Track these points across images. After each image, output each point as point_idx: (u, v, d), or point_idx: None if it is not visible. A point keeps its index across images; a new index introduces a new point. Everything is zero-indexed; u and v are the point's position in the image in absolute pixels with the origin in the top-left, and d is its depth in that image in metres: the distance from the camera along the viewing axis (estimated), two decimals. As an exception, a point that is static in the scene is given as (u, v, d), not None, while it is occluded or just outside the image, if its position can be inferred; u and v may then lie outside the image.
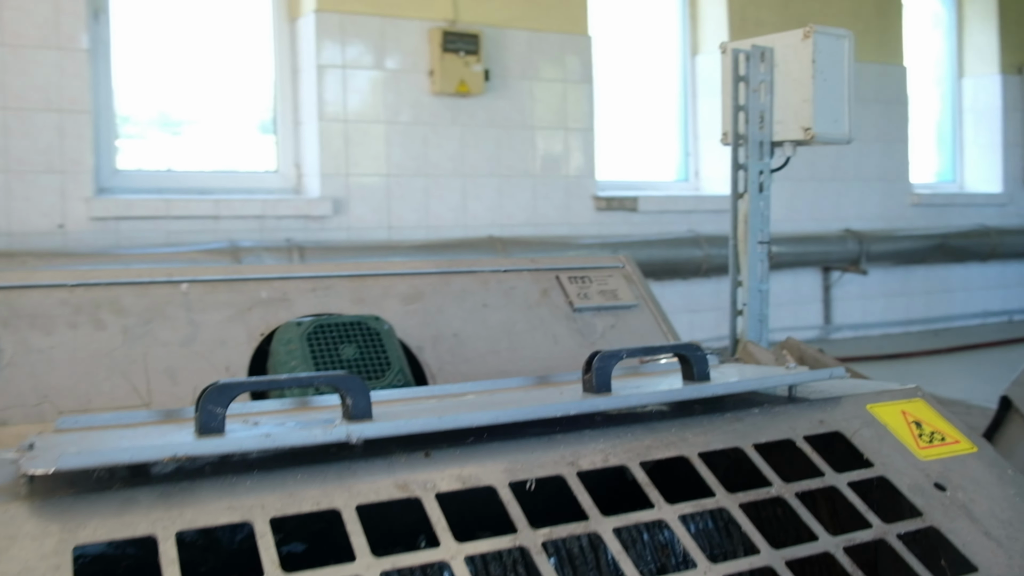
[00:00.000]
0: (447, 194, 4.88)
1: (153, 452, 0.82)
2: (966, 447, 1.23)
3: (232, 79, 4.61)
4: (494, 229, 4.98)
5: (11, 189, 3.79)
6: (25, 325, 1.42)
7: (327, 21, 4.52)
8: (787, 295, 6.07)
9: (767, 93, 2.15)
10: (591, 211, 5.34)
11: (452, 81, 4.79)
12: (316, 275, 1.71)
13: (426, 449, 0.96)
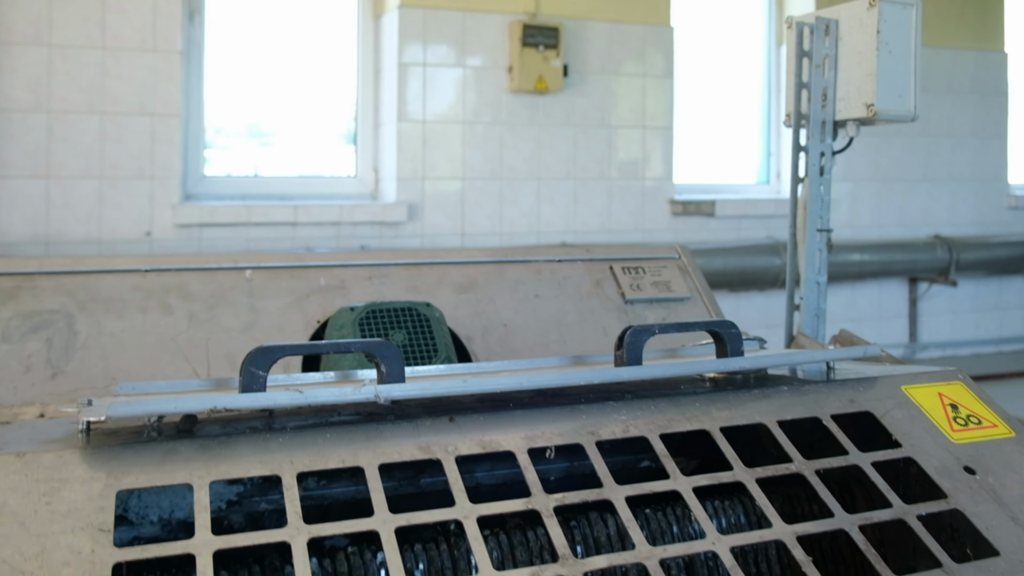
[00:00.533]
0: (521, 198, 4.94)
1: (195, 404, 0.90)
2: (1003, 432, 1.22)
3: (316, 81, 4.76)
4: (567, 235, 5.02)
5: (103, 196, 4.01)
6: (100, 309, 1.54)
7: (410, 16, 4.61)
8: (871, 308, 5.88)
9: (831, 69, 2.12)
10: (667, 216, 5.32)
11: (531, 78, 4.84)
12: (373, 263, 1.79)
13: (451, 415, 1.02)
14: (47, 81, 3.89)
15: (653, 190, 5.29)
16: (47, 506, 0.80)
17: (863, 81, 2.06)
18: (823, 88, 2.09)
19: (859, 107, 2.06)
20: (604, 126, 5.14)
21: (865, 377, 1.28)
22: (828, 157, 2.07)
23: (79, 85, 3.93)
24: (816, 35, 2.13)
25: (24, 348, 1.45)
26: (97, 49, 3.95)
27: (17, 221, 3.90)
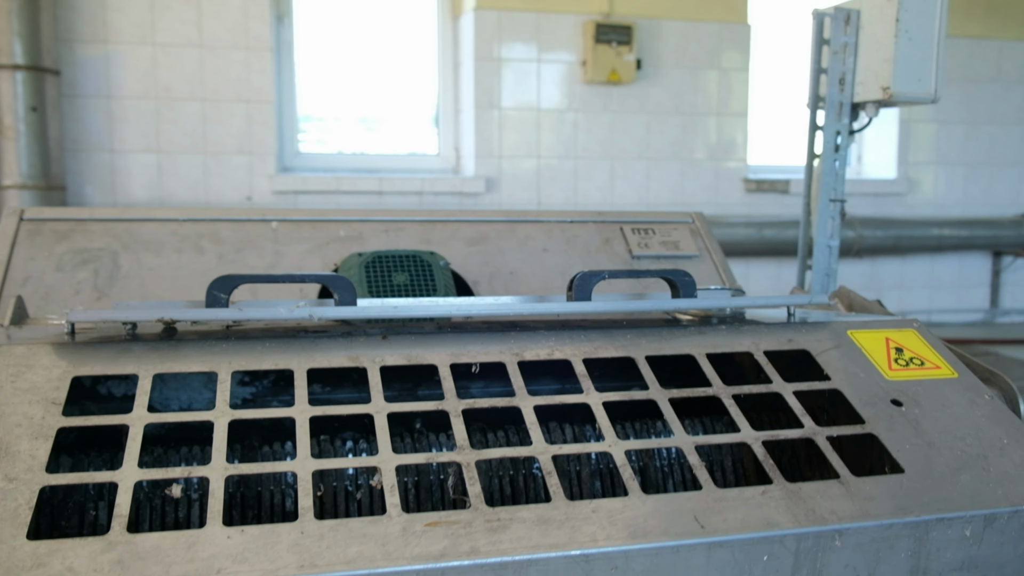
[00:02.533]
0: (595, 175, 4.95)
1: (145, 314, 0.98)
2: (945, 373, 1.19)
3: (401, 73, 4.90)
4: (641, 207, 5.00)
5: (209, 168, 4.25)
6: (141, 248, 1.66)
7: (486, 18, 4.70)
8: (951, 278, 5.69)
9: (850, 55, 2.09)
10: (740, 192, 5.23)
11: (603, 70, 4.84)
12: (390, 219, 1.86)
13: (385, 333, 1.08)
14: (153, 74, 4.15)
15: (726, 169, 5.20)
16: (12, 384, 0.91)
17: (880, 66, 2.03)
18: (841, 73, 2.07)
19: (876, 90, 2.03)
20: (678, 113, 5.08)
21: (816, 322, 1.27)
22: (844, 136, 2.04)
23: (182, 76, 4.18)
24: (836, 24, 2.10)
25: (74, 276, 1.59)
26: (196, 47, 4.19)
27: (135, 187, 4.18)
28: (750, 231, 4.93)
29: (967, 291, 5.78)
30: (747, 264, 5.13)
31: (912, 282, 5.68)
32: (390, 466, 0.88)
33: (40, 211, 1.67)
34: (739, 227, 4.95)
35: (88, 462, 0.95)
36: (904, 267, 5.66)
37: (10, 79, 3.70)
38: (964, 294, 5.76)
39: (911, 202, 5.67)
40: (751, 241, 4.90)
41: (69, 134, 4.07)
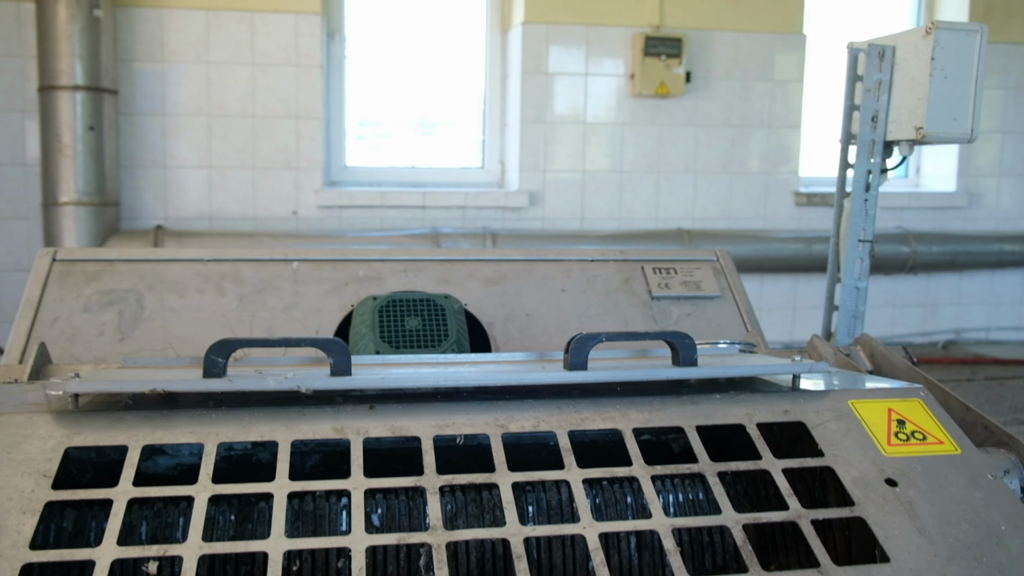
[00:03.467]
0: (640, 188, 4.92)
1: (140, 386, 1.02)
2: (947, 449, 1.16)
3: (449, 86, 4.93)
4: (686, 222, 4.95)
5: (256, 182, 4.34)
6: (165, 289, 1.71)
7: (534, 32, 4.70)
8: (1011, 294, 5.53)
9: (883, 92, 2.04)
10: (790, 207, 5.14)
11: (652, 83, 4.81)
12: (409, 259, 1.88)
13: (372, 403, 1.09)
14: (207, 91, 4.25)
15: (776, 183, 5.12)
16: (8, 455, 0.95)
17: (914, 105, 1.98)
18: (874, 110, 2.03)
19: (909, 129, 1.99)
20: (727, 126, 5.01)
21: (817, 390, 1.25)
22: (875, 175, 2.00)
23: (233, 94, 4.28)
24: (870, 60, 2.06)
25: (100, 318, 1.65)
26: (248, 64, 4.29)
27: (186, 202, 4.29)
28: (799, 246, 4.84)
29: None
30: (795, 280, 5.05)
31: (970, 299, 5.52)
32: (361, 547, 0.90)
33: (71, 252, 1.73)
34: (787, 242, 4.87)
35: (76, 527, 0.98)
36: (962, 283, 5.50)
37: (70, 99, 3.83)
38: (1023, 310, 5.58)
39: (971, 216, 5.50)
40: (799, 257, 4.81)
41: (124, 151, 4.20)
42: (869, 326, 5.26)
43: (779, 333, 5.04)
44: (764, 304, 5.01)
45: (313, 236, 4.19)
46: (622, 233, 4.69)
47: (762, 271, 4.89)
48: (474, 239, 4.35)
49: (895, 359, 1.68)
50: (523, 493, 1.11)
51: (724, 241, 4.75)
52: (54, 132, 3.82)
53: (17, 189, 4.08)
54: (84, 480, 1.00)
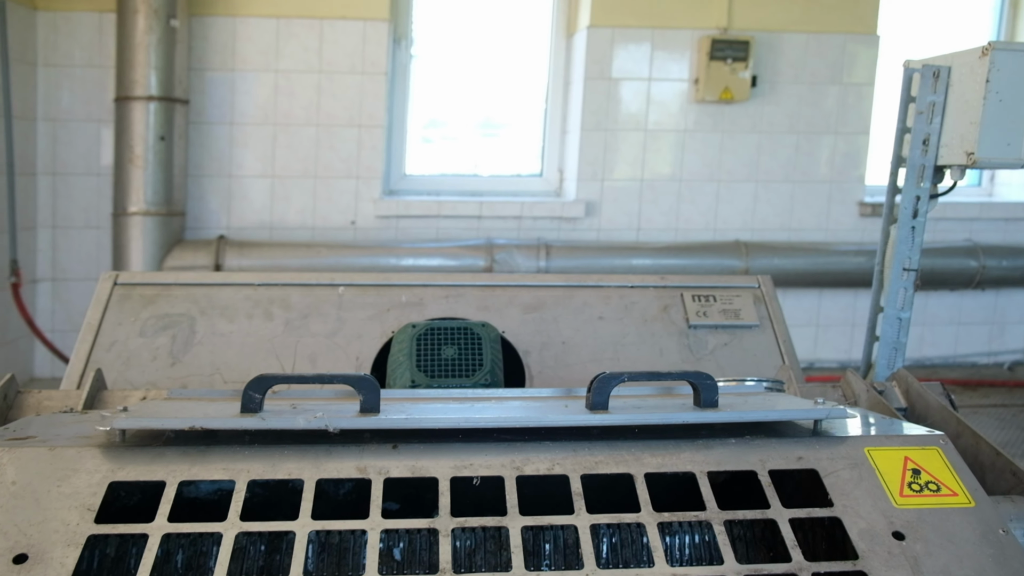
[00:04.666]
0: (699, 198, 4.91)
1: (179, 423, 1.10)
2: (960, 501, 1.17)
3: (513, 91, 5.00)
4: (744, 234, 4.92)
5: (318, 192, 4.48)
6: (217, 314, 1.82)
7: (599, 36, 4.72)
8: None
9: (936, 115, 2.03)
10: (854, 217, 5.06)
11: (716, 89, 4.78)
12: (450, 284, 1.95)
13: (396, 443, 1.16)
14: (274, 100, 4.40)
15: (841, 192, 5.05)
16: (57, 488, 1.04)
17: (967, 129, 1.97)
18: (925, 133, 2.01)
19: (960, 154, 1.97)
20: (792, 132, 4.96)
21: (834, 435, 1.27)
22: (924, 201, 1.99)
23: (299, 103, 4.42)
24: (924, 81, 2.04)
25: (154, 342, 1.76)
26: (315, 73, 4.42)
27: (248, 211, 4.45)
28: (860, 260, 4.77)
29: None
30: (855, 295, 4.97)
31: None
32: (374, 587, 0.97)
33: (132, 275, 1.85)
34: (849, 255, 4.80)
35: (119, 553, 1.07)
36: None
37: (143, 110, 4.01)
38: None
39: (1048, 227, 5.34)
40: (861, 271, 4.74)
41: (192, 160, 4.38)
42: (931, 344, 5.16)
43: (836, 351, 4.97)
44: (822, 320, 4.95)
45: (371, 247, 4.30)
46: (677, 245, 4.69)
47: (821, 285, 4.83)
48: (528, 251, 4.41)
49: (929, 398, 1.68)
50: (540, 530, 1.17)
51: (782, 254, 4.71)
52: (127, 142, 4.00)
53: (91, 198, 4.29)
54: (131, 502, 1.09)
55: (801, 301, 4.96)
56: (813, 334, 4.94)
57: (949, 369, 5.08)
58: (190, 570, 1.09)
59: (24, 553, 0.97)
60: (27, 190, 4.20)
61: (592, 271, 4.42)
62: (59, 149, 4.29)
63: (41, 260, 4.32)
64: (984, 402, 4.60)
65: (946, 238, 5.09)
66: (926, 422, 1.66)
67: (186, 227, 4.30)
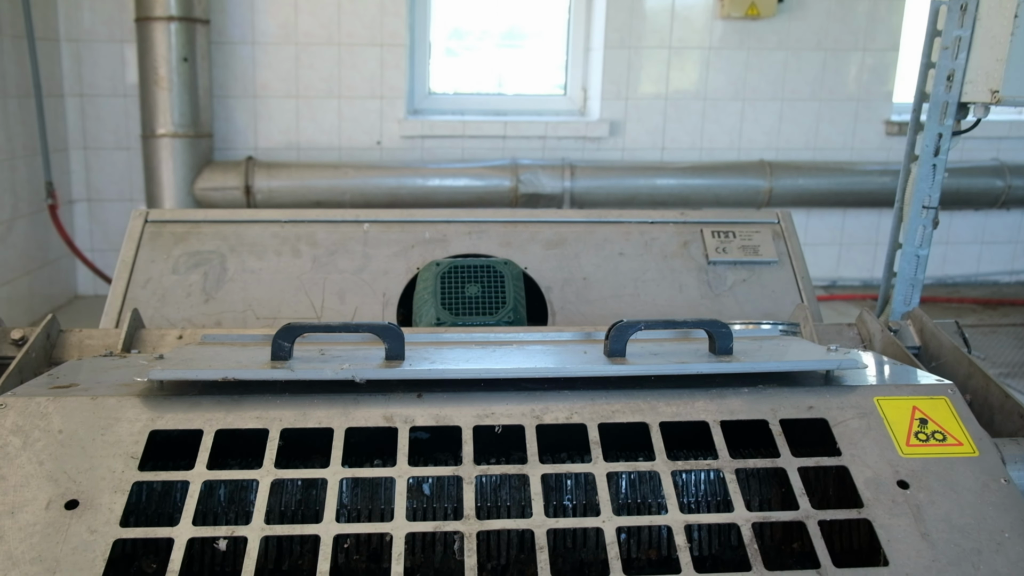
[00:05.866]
0: (723, 117, 4.82)
1: (213, 374, 1.14)
2: (965, 451, 1.20)
3: (538, 5, 4.87)
4: (768, 153, 4.85)
5: (342, 112, 4.45)
6: (246, 251, 1.84)
7: (621, -50, 4.57)
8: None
9: (962, 50, 1.98)
10: (880, 136, 4.96)
11: (742, 4, 4.64)
12: (473, 220, 1.96)
13: (420, 391, 1.20)
14: (294, 19, 4.33)
15: (867, 110, 4.93)
16: (102, 437, 1.09)
17: (992, 66, 1.90)
18: (950, 69, 1.95)
19: (984, 92, 1.91)
20: (819, 49, 4.82)
21: (845, 384, 1.29)
22: (946, 138, 1.95)
23: (320, 21, 4.34)
24: (951, 15, 1.97)
25: (187, 279, 1.79)
26: (335, -11, 4.34)
27: (275, 132, 4.44)
28: (885, 179, 4.70)
29: None
30: (879, 214, 4.92)
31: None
32: (401, 533, 1.01)
33: (161, 213, 1.87)
34: (874, 175, 4.73)
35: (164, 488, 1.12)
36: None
37: (164, 30, 3.97)
38: None
39: (1078, 145, 5.20)
40: (885, 191, 4.67)
41: (217, 80, 4.35)
42: (954, 263, 5.11)
43: (859, 270, 4.94)
44: (846, 239, 4.91)
45: (395, 168, 4.29)
46: (702, 165, 4.64)
47: (845, 205, 4.78)
48: (552, 171, 4.38)
49: (942, 338, 1.69)
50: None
51: (807, 174, 4.64)
52: (150, 64, 3.98)
53: (119, 120, 4.29)
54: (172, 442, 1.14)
55: (825, 220, 4.91)
56: (836, 253, 4.91)
57: (971, 288, 5.05)
58: (232, 503, 1.14)
59: (75, 499, 1.02)
60: (56, 112, 4.20)
61: (616, 192, 4.39)
62: (84, 70, 4.28)
63: (76, 181, 4.36)
64: (1003, 321, 4.59)
65: (973, 157, 4.99)
66: (939, 361, 1.68)
67: (214, 148, 4.30)
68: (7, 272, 3.80)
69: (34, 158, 4.01)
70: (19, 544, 0.97)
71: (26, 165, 3.94)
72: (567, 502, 1.19)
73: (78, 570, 0.95)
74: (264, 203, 4.11)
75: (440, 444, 1.22)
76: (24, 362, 1.40)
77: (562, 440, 1.22)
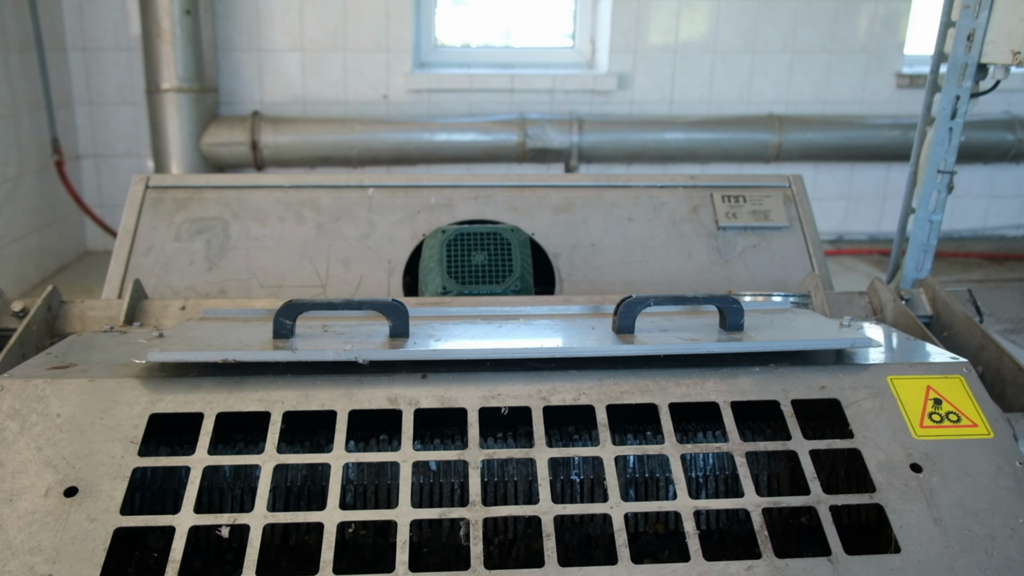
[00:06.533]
0: (733, 70, 4.70)
1: (213, 356, 1.10)
2: (980, 432, 1.16)
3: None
4: (778, 106, 4.73)
5: (348, 65, 4.34)
6: (249, 217, 1.79)
7: None
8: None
9: (983, 9, 1.89)
10: (891, 89, 4.84)
11: (752, -48, 4.49)
12: (479, 184, 1.90)
13: (425, 372, 1.16)
14: (299, -33, 4.20)
15: (878, 62, 4.80)
16: (101, 420, 1.06)
17: (1015, 26, 1.82)
18: (970, 29, 1.87)
19: (1005, 53, 1.83)
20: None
21: (858, 363, 1.24)
22: (964, 100, 1.87)
23: (325, -30, 4.22)
24: (974, -29, 1.88)
25: (190, 246, 1.75)
26: (339, -64, 4.20)
27: (281, 86, 4.35)
28: (895, 134, 4.59)
29: None
30: (888, 168, 4.82)
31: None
32: (405, 520, 0.99)
33: (162, 179, 1.82)
34: (884, 129, 4.62)
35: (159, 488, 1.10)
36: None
37: (167, -18, 3.86)
38: None
39: (1091, 99, 5.07)
40: (895, 144, 4.57)
41: (221, 34, 4.24)
42: (961, 216, 5.02)
43: (866, 224, 4.86)
44: (853, 194, 4.83)
45: (402, 123, 4.20)
46: (711, 119, 4.53)
47: (854, 159, 4.68)
48: (560, 125, 4.28)
49: (955, 307, 1.64)
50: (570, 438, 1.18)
51: (816, 127, 4.54)
52: (153, 17, 3.87)
53: (123, 74, 4.20)
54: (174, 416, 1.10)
55: (833, 174, 4.82)
56: (844, 207, 4.83)
57: (977, 242, 4.97)
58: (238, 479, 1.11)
59: (74, 486, 0.99)
60: (59, 66, 4.11)
61: (624, 146, 4.30)
62: (86, 23, 4.17)
63: (82, 137, 4.29)
64: (1009, 276, 4.52)
65: (983, 111, 4.86)
66: (951, 331, 1.63)
67: (220, 103, 4.22)
68: (16, 229, 3.76)
69: (38, 114, 3.94)
70: (18, 533, 0.94)
71: (30, 121, 3.87)
72: (575, 476, 1.16)
73: (78, 560, 0.93)
74: (271, 159, 4.04)
75: (446, 417, 1.18)
76: (25, 335, 1.36)
77: (570, 412, 1.19)
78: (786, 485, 1.20)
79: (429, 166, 4.16)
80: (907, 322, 1.58)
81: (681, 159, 4.27)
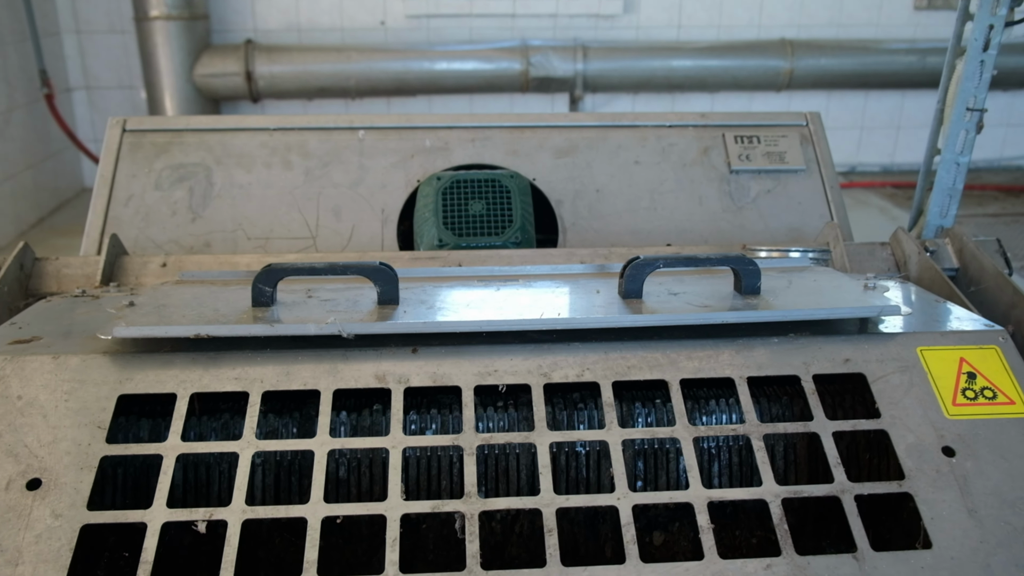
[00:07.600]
0: (744, -8, 4.46)
1: (184, 331, 1.00)
2: (1018, 410, 1.06)
3: None
4: (790, 30, 4.51)
5: (344, -11, 4.12)
6: (233, 163, 1.67)
7: None
8: None
9: (1024, -73, 1.71)
10: (908, 11, 4.60)
11: None
12: (477, 125, 1.77)
13: (415, 345, 1.05)
14: None
15: (897, -17, 4.55)
16: (65, 403, 0.96)
17: (1059, -61, 1.63)
18: (1007, -58, 1.68)
19: (1048, -28, 1.65)
20: (849, -89, 4.40)
21: (885, 332, 1.13)
22: (998, 30, 1.70)
23: None
24: None
25: (171, 196, 1.63)
26: None
27: (274, 11, 4.14)
28: (911, 59, 4.38)
29: None
30: (903, 96, 4.61)
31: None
32: (396, 515, 0.90)
33: (140, 121, 1.69)
34: (900, 54, 4.40)
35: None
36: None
37: (152, -99, 3.62)
38: None
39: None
40: (911, 71, 4.36)
41: (212, -44, 4.01)
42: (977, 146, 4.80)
43: (879, 154, 4.69)
44: (867, 123, 4.63)
45: (400, 51, 4.01)
46: (720, 45, 4.32)
47: (868, 87, 4.47)
48: (564, 52, 4.08)
49: (984, 261, 1.53)
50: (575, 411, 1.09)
51: (830, 53, 4.32)
52: (141, -61, 3.65)
53: (111, 0, 3.99)
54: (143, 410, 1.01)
55: (846, 102, 4.62)
56: (857, 137, 4.64)
57: (993, 173, 4.80)
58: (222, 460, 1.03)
59: (38, 478, 0.90)
60: (46, -9, 3.91)
61: (631, 74, 4.11)
62: (74, -55, 3.95)
63: (71, 68, 4.11)
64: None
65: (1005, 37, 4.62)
66: (979, 286, 1.52)
67: (211, 31, 4.02)
68: (9, 166, 3.62)
69: (24, 44, 3.75)
70: (-26, 534, 0.86)
71: (16, 52, 3.69)
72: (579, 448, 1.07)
73: (42, 562, 0.84)
74: (266, 90, 3.87)
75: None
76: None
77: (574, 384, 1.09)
78: (803, 458, 1.10)
79: (430, 96, 3.98)
80: (933, 277, 1.46)
81: (689, 87, 4.08)
